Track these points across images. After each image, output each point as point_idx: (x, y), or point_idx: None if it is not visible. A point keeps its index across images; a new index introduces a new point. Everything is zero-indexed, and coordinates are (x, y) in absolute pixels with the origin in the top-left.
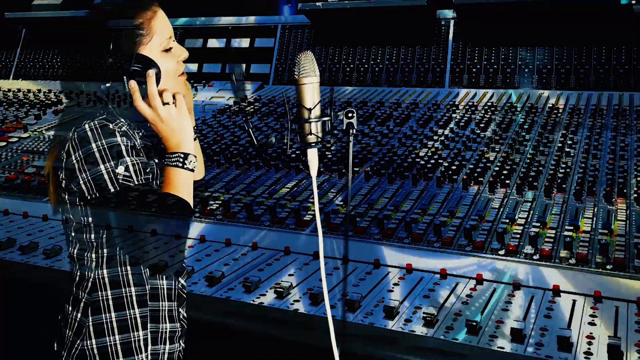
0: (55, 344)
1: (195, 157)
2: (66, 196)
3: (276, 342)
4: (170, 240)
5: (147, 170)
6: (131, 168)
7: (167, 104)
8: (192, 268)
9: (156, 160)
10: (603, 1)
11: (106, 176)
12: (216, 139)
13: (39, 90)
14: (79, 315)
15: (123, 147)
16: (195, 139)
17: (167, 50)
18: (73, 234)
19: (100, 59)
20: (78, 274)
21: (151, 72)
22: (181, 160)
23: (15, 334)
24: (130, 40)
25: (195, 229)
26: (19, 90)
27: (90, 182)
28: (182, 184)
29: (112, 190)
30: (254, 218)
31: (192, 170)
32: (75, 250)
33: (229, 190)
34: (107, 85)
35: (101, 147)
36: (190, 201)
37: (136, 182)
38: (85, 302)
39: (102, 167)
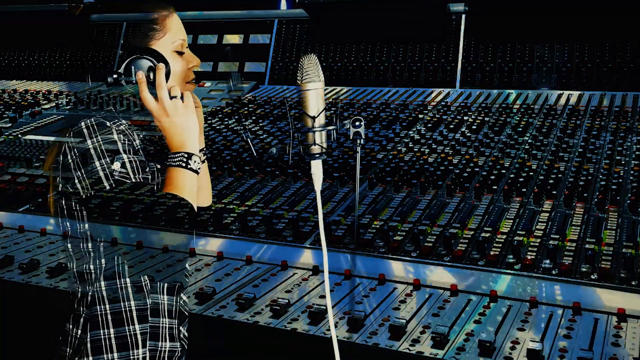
0: None
1: (200, 158)
2: (63, 201)
3: None
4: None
5: (146, 170)
6: (128, 165)
7: (175, 97)
8: (181, 284)
9: (158, 166)
10: None
11: (101, 172)
12: (207, 143)
13: (15, 91)
14: (79, 331)
15: (120, 144)
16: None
17: (179, 53)
18: (70, 246)
19: (82, 56)
20: (80, 290)
21: (161, 65)
22: (185, 160)
23: None
24: (144, 33)
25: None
26: None
27: (85, 179)
28: (184, 185)
29: (107, 186)
30: (248, 230)
31: (196, 171)
32: (75, 265)
33: (221, 199)
34: (110, 79)
35: (97, 144)
36: (194, 204)
37: (133, 180)
38: (85, 318)
39: (97, 163)
